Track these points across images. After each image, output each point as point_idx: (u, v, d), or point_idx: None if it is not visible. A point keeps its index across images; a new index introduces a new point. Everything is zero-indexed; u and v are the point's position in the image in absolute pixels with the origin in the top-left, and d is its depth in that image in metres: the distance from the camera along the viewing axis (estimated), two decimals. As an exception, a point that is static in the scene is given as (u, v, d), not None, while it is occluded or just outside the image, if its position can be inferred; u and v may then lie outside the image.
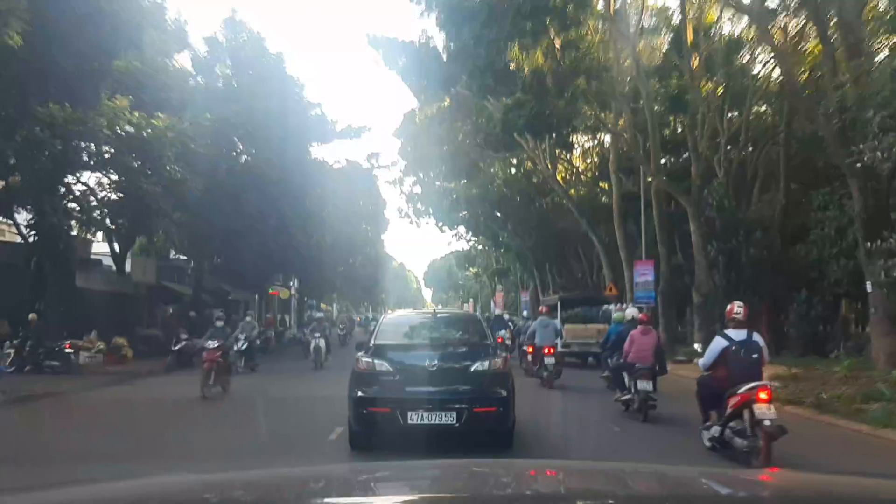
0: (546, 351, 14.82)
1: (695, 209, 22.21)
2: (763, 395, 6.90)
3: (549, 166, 31.15)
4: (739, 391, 7.08)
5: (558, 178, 33.25)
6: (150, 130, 15.69)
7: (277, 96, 20.96)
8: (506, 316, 27.71)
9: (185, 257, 29.64)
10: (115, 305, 21.26)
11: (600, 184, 33.66)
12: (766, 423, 6.81)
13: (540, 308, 24.21)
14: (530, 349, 16.39)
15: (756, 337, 7.69)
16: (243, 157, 22.16)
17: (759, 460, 6.67)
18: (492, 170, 35.53)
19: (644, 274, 24.64)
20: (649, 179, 26.43)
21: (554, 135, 23.26)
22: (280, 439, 8.69)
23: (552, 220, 37.77)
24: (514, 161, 36.46)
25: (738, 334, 7.59)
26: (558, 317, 22.16)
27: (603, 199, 34.81)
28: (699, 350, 8.87)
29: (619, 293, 26.46)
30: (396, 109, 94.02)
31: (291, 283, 48.49)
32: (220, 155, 19.29)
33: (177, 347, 18.10)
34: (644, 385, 9.80)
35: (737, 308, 7.86)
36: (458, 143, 34.94)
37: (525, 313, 32.00)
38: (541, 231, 37.08)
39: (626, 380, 10.43)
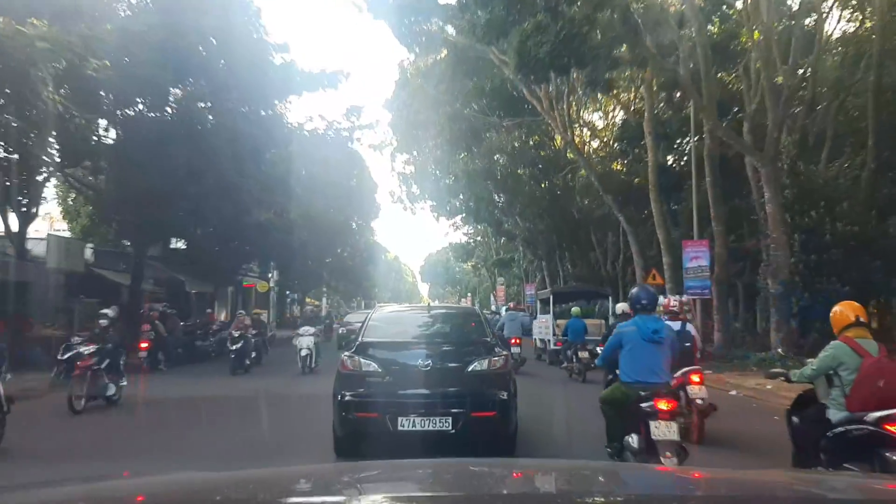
0: (512, 341, 16.85)
1: (772, 169, 16.96)
2: (695, 378, 7.87)
3: (570, 132, 25.86)
4: (676, 375, 7.25)
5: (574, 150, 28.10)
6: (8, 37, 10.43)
7: (219, 13, 15.61)
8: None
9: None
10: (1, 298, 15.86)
11: (614, 164, 28.37)
12: (699, 401, 7.85)
13: (510, 304, 26.44)
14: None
15: (689, 327, 8.84)
16: (171, 95, 16.81)
17: (693, 435, 7.73)
18: (496, 137, 30.03)
19: (696, 257, 19.40)
20: (696, 140, 21.25)
21: (583, 72, 17.96)
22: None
23: (565, 200, 32.54)
24: (524, 132, 31.14)
25: (673, 325, 7.95)
26: (551, 312, 20.93)
27: (622, 172, 29.65)
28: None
29: (663, 282, 21.16)
30: (385, 79, 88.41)
31: (270, 275, 43.17)
32: (134, 89, 14.12)
33: (65, 357, 12.86)
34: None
35: (672, 302, 10.12)
36: (457, 110, 29.66)
37: (493, 308, 30.42)
38: (552, 214, 31.79)
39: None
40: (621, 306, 11.57)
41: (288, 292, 48.19)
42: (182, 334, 19.23)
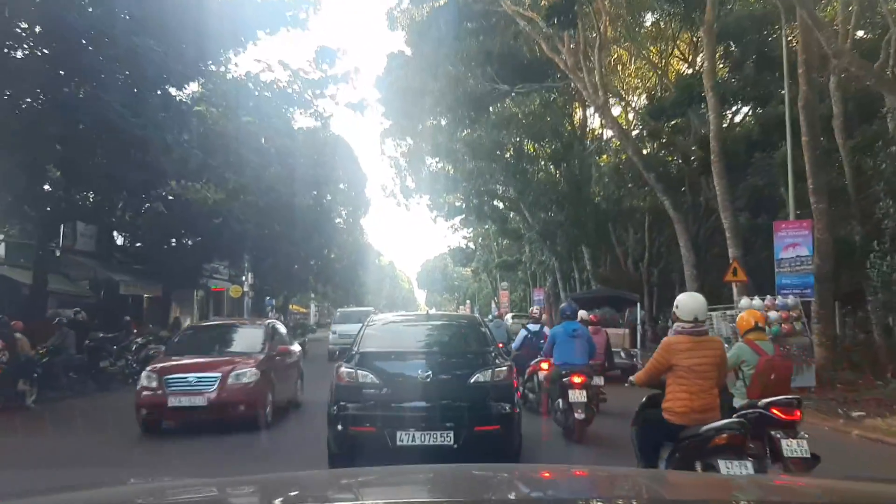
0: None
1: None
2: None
3: (602, 93, 20.53)
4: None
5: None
6: None
7: None
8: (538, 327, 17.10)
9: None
10: None
11: (639, 144, 23.00)
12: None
13: (496, 311, 26.43)
14: None
15: (545, 329, 11.50)
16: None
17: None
18: (506, 106, 24.56)
19: (794, 244, 14.07)
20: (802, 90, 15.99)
21: None
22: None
23: (586, 186, 27.16)
24: (539, 103, 25.83)
25: (533, 327, 11.80)
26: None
27: (665, 144, 24.44)
28: None
29: (747, 280, 15.77)
30: (377, 57, 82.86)
31: (244, 278, 37.72)
32: None
33: None
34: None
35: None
36: (461, 73, 24.38)
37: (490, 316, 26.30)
38: (573, 202, 26.38)
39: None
40: (582, 313, 11.33)
41: (268, 298, 42.67)
42: (81, 351, 13.77)
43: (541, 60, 24.01)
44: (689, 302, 5.18)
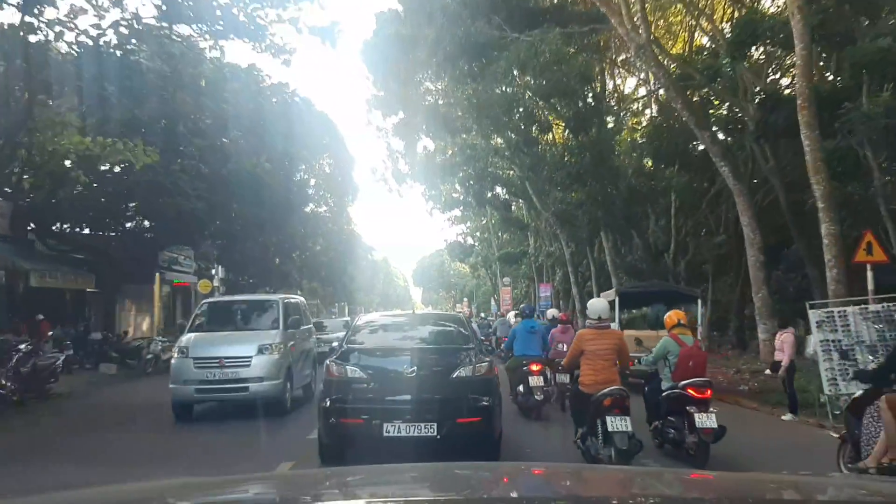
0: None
1: None
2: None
3: (641, 31, 16.01)
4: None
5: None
6: None
7: None
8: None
9: None
10: None
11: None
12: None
13: (497, 310, 25.14)
14: None
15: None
16: None
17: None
18: (515, 53, 19.85)
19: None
20: None
21: None
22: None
23: (610, 160, 22.61)
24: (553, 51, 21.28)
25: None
26: (616, 318, 13.98)
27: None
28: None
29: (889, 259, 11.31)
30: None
31: (213, 271, 33.13)
32: None
33: None
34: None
35: (563, 315, 12.90)
36: (462, 15, 19.86)
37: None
38: (596, 178, 21.81)
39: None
40: (552, 311, 12.54)
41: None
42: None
43: (558, 4, 19.60)
44: (595, 304, 7.11)
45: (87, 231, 22.67)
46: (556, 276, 37.72)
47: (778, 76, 20.18)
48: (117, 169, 17.76)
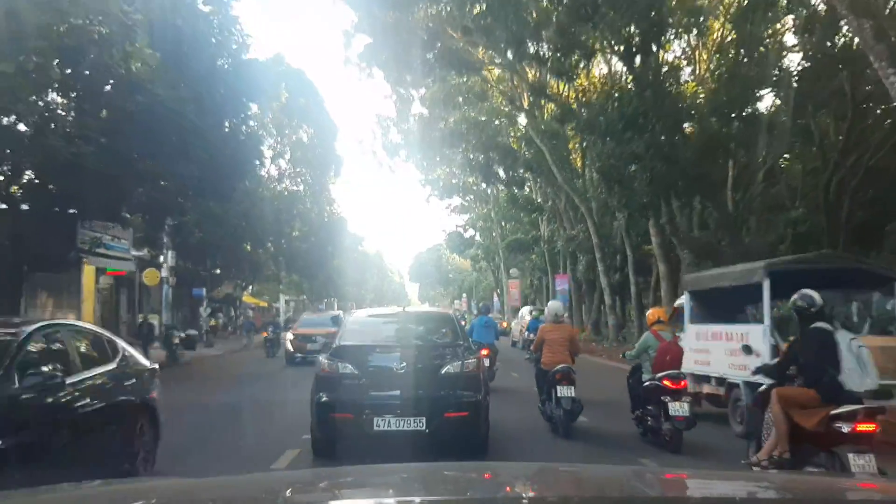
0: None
1: None
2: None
3: None
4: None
5: None
6: None
7: None
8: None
9: None
10: None
11: None
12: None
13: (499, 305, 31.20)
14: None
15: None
16: None
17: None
18: None
19: None
20: None
21: None
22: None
23: (670, 104, 16.42)
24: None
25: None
26: (766, 311, 8.23)
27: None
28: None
29: None
30: None
31: (163, 258, 26.84)
32: None
33: None
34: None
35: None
36: None
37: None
38: (661, 121, 15.61)
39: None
40: (559, 308, 11.13)
41: (204, 291, 31.80)
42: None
43: None
44: (551, 307, 9.83)
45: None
46: (581, 264, 31.61)
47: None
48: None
